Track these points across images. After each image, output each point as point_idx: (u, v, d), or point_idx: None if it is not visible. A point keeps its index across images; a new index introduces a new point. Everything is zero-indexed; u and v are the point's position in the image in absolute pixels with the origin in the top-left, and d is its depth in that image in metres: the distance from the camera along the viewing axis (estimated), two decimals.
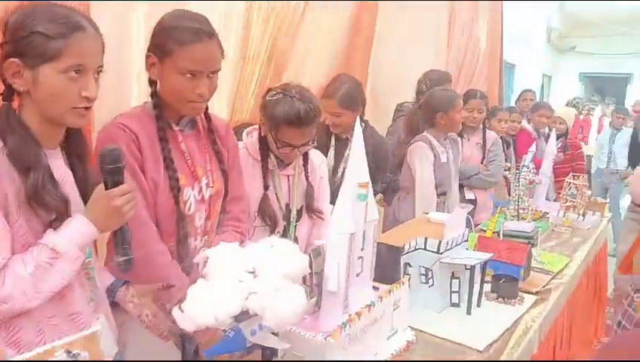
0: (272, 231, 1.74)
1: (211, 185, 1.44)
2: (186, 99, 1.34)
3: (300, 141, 1.69)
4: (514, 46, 6.97)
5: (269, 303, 0.92)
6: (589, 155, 5.87)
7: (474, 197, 3.18)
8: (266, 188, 1.73)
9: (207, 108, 1.45)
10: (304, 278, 1.28)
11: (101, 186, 1.07)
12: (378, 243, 1.47)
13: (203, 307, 0.89)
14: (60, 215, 1.04)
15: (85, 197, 1.10)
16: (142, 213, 1.31)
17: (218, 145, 1.49)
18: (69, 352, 0.83)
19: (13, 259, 1.00)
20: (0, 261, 0.99)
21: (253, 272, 0.99)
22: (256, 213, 1.73)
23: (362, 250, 1.35)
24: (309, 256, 1.28)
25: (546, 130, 4.35)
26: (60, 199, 1.04)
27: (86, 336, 0.86)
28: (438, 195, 2.69)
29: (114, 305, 1.25)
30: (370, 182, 1.32)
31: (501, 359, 1.46)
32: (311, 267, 1.26)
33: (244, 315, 0.98)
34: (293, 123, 1.64)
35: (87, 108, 1.07)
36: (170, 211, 1.37)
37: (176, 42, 1.29)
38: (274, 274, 0.97)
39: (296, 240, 1.79)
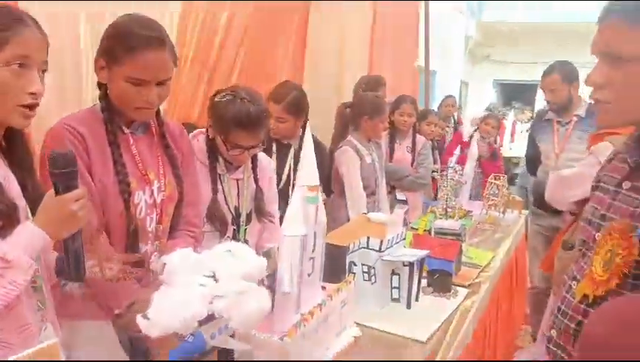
0: (221, 236, 1.74)
1: (163, 189, 1.43)
2: (134, 105, 1.32)
3: (250, 143, 1.69)
4: (434, 53, 7.34)
5: (235, 305, 0.94)
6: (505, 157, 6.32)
7: (405, 198, 3.34)
8: (214, 192, 1.73)
9: (158, 112, 1.44)
10: None
11: (52, 192, 1.03)
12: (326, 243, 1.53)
13: (169, 312, 0.90)
14: (8, 222, 1.00)
15: (35, 208, 1.06)
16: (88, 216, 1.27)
17: (171, 149, 1.47)
18: None
19: None
20: None
21: (213, 276, 1.01)
22: (205, 218, 1.72)
23: (313, 251, 1.40)
24: None
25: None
26: (8, 205, 1.00)
27: (47, 347, 0.84)
28: (368, 195, 2.81)
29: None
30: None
31: (441, 348, 1.56)
32: None
33: (206, 319, 0.99)
34: (244, 124, 1.65)
35: (32, 108, 1.04)
36: (120, 215, 1.34)
37: (124, 49, 1.27)
38: (235, 278, 1.00)
39: (246, 244, 1.80)
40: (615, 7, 0.95)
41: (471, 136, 4.54)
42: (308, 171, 1.37)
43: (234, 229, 1.78)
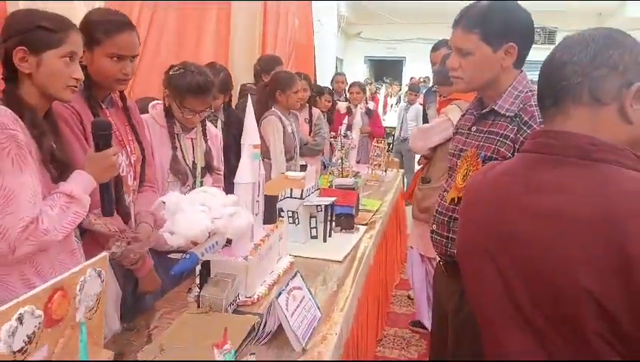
0: (182, 185, 2.06)
1: (133, 152, 1.73)
2: (115, 78, 1.61)
3: (200, 107, 2.04)
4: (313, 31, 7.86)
5: (230, 222, 1.33)
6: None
7: (304, 163, 3.82)
8: (174, 148, 2.05)
9: (122, 91, 1.73)
10: None
11: (92, 150, 1.37)
12: None
13: (188, 227, 1.26)
14: (65, 170, 1.31)
15: (67, 163, 1.35)
16: None
17: (133, 120, 1.77)
18: (95, 269, 1.14)
19: (42, 204, 1.26)
20: (38, 208, 1.24)
21: (205, 206, 1.38)
22: (168, 171, 2.03)
23: (258, 195, 1.81)
24: None
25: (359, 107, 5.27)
26: (66, 157, 1.34)
27: (100, 259, 1.17)
28: (288, 160, 3.26)
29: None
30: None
31: (354, 265, 2.07)
32: None
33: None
34: (195, 92, 1.99)
35: (75, 87, 1.36)
36: None
37: (104, 32, 1.56)
38: (222, 205, 1.38)
39: None
40: (459, 17, 1.48)
41: (348, 108, 5.17)
42: (251, 133, 1.76)
43: (192, 181, 2.11)
